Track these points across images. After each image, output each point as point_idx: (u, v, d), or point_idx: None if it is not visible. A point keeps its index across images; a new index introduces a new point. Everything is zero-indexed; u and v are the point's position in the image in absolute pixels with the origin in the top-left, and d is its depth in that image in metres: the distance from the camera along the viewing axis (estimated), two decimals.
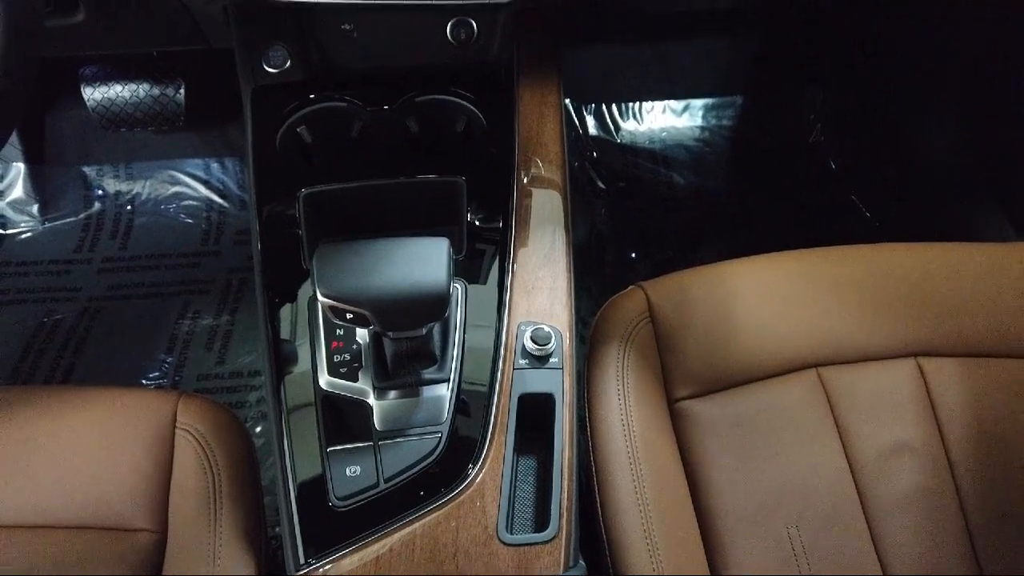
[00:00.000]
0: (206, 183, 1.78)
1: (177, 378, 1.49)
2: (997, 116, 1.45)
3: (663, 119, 1.96)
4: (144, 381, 1.49)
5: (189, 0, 0.99)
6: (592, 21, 1.53)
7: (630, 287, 0.96)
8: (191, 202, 1.77)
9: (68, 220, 1.73)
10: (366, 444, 0.70)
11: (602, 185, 1.86)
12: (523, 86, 0.98)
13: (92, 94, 1.55)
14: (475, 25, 0.99)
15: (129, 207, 1.76)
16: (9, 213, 1.72)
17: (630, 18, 1.63)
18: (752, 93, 1.94)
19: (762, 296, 0.94)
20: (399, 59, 1.02)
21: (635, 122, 1.95)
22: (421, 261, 0.63)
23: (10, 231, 1.71)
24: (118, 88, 1.55)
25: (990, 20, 1.41)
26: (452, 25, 0.99)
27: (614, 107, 1.94)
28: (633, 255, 1.72)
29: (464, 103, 0.98)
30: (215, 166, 1.79)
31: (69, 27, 1.00)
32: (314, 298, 0.78)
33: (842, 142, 1.86)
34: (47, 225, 1.72)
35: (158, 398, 0.85)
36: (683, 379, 0.89)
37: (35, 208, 1.73)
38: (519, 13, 0.99)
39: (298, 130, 0.96)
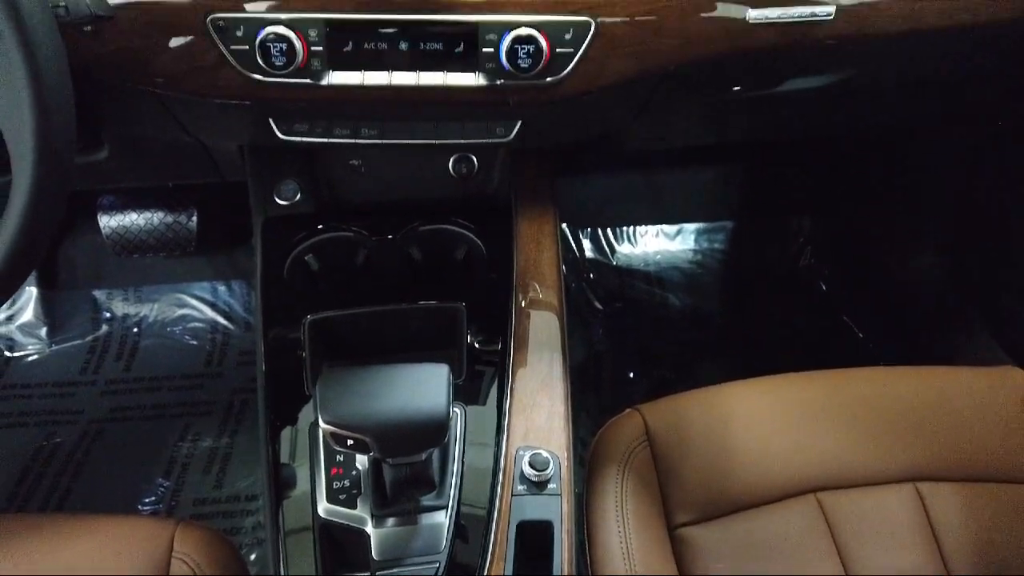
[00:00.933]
0: (212, 305, 1.82)
1: (173, 503, 1.47)
2: (982, 239, 1.50)
3: (656, 243, 2.02)
4: (140, 507, 1.47)
5: (208, 140, 1.05)
6: (585, 155, 1.62)
7: (627, 410, 0.97)
8: (197, 324, 1.80)
9: (75, 343, 1.76)
10: (363, 575, 0.69)
11: (599, 306, 1.89)
12: (521, 215, 1.03)
13: (108, 222, 1.62)
14: (476, 160, 1.05)
15: (135, 329, 1.79)
16: (17, 336, 1.75)
17: (621, 152, 1.72)
18: (742, 218, 2.02)
19: (760, 420, 0.95)
20: (403, 191, 1.08)
21: (630, 245, 2.02)
22: (422, 388, 0.65)
23: (17, 354, 1.73)
24: (134, 216, 1.62)
25: (966, 153, 1.49)
26: (454, 160, 1.05)
27: (609, 231, 2.02)
28: (631, 375, 1.74)
29: (465, 232, 1.02)
30: (222, 289, 1.84)
31: (93, 163, 1.07)
32: (315, 423, 0.80)
33: (833, 266, 1.92)
34: (54, 348, 1.75)
35: (154, 527, 0.85)
36: (682, 505, 0.89)
37: (43, 331, 1.76)
38: (517, 149, 1.05)
39: (306, 258, 1.00)
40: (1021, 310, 1.38)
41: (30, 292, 1.77)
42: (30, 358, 1.73)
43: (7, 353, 1.73)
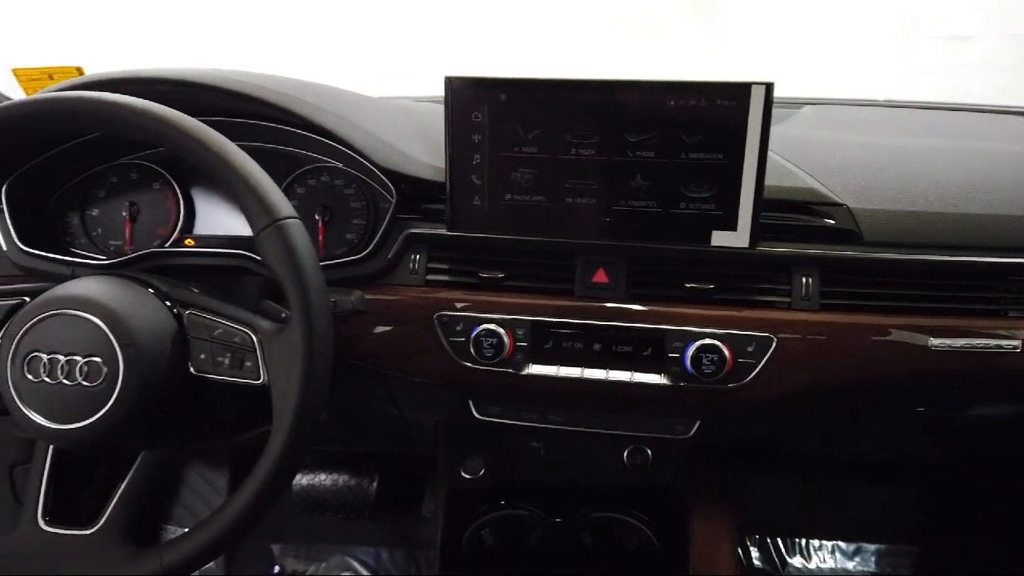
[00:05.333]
0: (374, 572, 1.86)
1: None
2: None
3: (832, 560, 1.87)
4: None
5: (410, 413, 1.18)
6: (761, 457, 1.60)
7: None
8: None
9: None
10: None
11: None
12: (697, 514, 1.04)
13: (300, 480, 1.76)
14: (650, 453, 1.10)
15: None
16: None
17: (799, 458, 1.69)
18: (932, 544, 1.84)
19: None
20: (578, 476, 1.13)
21: (802, 559, 1.88)
22: None
23: None
24: (322, 476, 1.76)
25: None
26: (629, 452, 1.10)
27: (779, 540, 1.90)
28: None
29: (637, 524, 1.04)
30: (385, 555, 1.88)
31: None
32: None
33: None
34: None
35: None
36: None
37: None
38: (693, 446, 1.09)
39: (482, 533, 1.05)
40: None
41: None
42: None
43: None
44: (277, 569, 1.89)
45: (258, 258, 0.95)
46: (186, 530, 0.77)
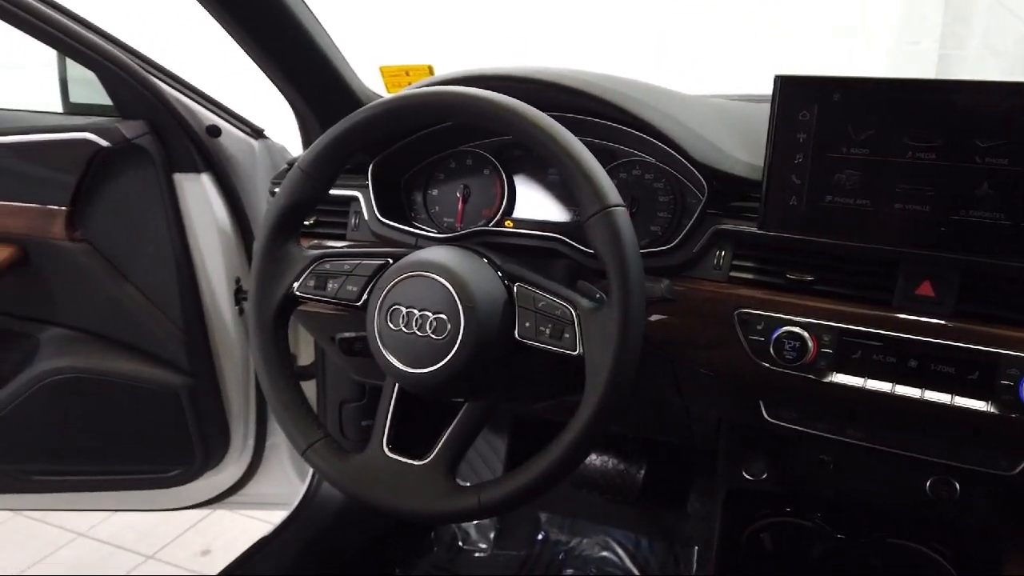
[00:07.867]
0: (632, 557, 1.90)
1: None
2: None
3: None
4: None
5: (693, 405, 1.19)
6: None
7: None
8: (613, 570, 1.89)
9: (512, 553, 1.98)
10: None
11: None
12: (1013, 565, 0.93)
13: None
14: (958, 486, 1.00)
15: (561, 555, 1.95)
16: (473, 532, 2.04)
17: None
18: None
19: None
20: (870, 496, 1.07)
21: None
22: None
23: (467, 547, 2.01)
24: (593, 456, 1.83)
25: None
26: (933, 481, 1.02)
27: None
28: None
29: (939, 559, 0.96)
30: (644, 544, 1.92)
31: None
32: None
33: None
34: (495, 552, 1.99)
35: None
36: None
37: (493, 534, 2.02)
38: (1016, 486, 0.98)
39: (761, 535, 1.04)
40: None
41: None
42: (476, 555, 1.99)
43: (460, 543, 2.02)
44: (542, 535, 2.02)
45: (570, 242, 1.03)
46: (468, 484, 0.86)
